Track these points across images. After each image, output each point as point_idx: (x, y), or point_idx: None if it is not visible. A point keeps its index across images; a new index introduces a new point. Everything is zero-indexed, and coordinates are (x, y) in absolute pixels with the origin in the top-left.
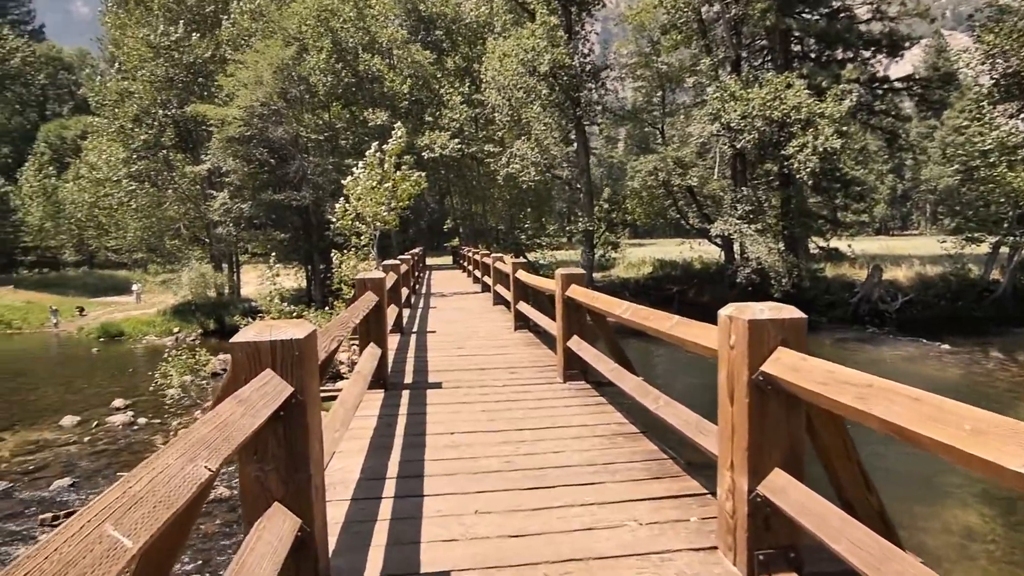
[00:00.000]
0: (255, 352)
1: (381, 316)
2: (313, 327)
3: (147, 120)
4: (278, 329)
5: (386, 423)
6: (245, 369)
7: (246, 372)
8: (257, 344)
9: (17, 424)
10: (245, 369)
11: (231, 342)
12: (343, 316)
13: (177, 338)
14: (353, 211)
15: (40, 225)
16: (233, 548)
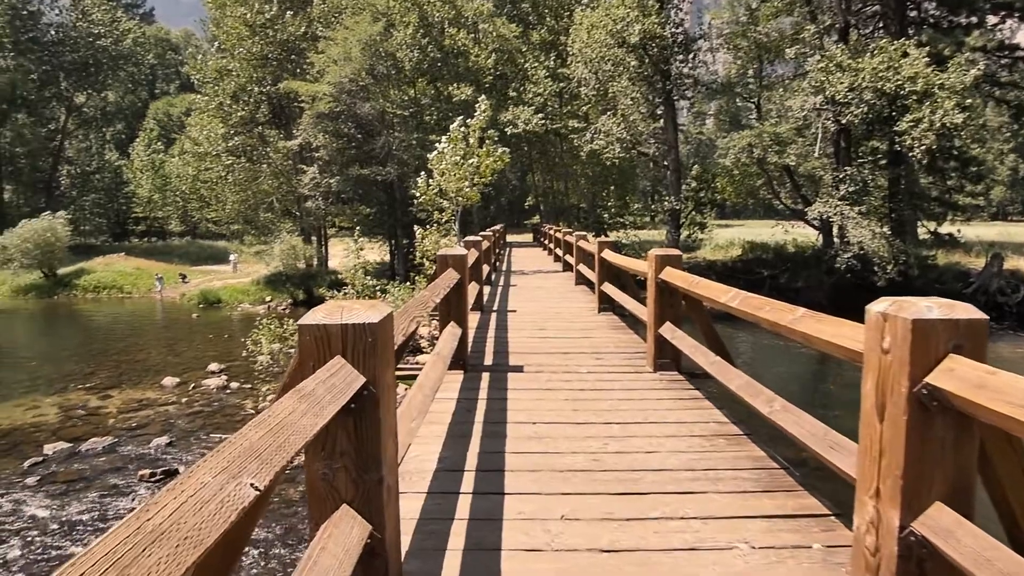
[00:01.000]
0: (324, 336)
1: (462, 294)
2: (389, 309)
3: (244, 97)
4: (350, 311)
5: (465, 408)
6: (313, 355)
7: (314, 358)
8: (327, 327)
9: (124, 383)
10: (313, 355)
11: (299, 323)
12: (423, 295)
13: (269, 306)
14: (436, 186)
15: (149, 197)
16: (302, 545)
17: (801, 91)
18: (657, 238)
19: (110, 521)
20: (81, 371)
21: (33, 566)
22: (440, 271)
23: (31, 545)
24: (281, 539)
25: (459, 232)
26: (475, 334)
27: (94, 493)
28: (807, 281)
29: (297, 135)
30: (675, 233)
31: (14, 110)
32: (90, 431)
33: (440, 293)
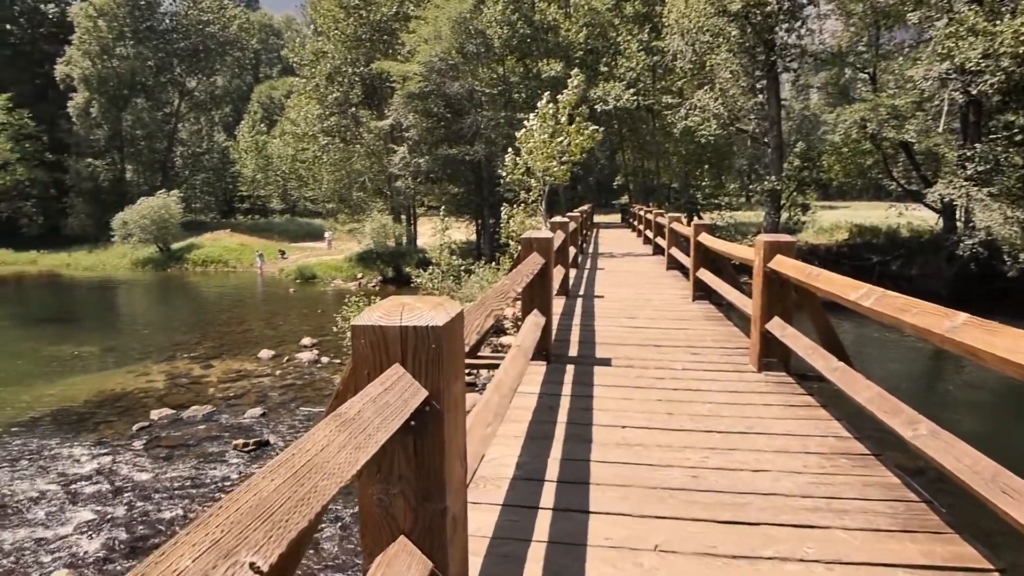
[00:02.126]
0: (380, 341)
1: (547, 280)
2: (458, 308)
3: (338, 78)
4: (412, 311)
5: (547, 404)
6: (368, 362)
7: (369, 365)
8: (384, 330)
9: (225, 353)
10: (368, 362)
11: (352, 324)
12: (503, 284)
13: (360, 283)
14: (523, 165)
15: (253, 176)
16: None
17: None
18: (754, 220)
19: (204, 488)
20: (188, 341)
21: (132, 527)
22: (524, 255)
23: (132, 507)
24: (332, 565)
25: (545, 212)
26: (559, 321)
27: (192, 460)
28: (923, 269)
29: (388, 115)
30: (774, 215)
31: (134, 95)
32: (192, 399)
33: (522, 281)
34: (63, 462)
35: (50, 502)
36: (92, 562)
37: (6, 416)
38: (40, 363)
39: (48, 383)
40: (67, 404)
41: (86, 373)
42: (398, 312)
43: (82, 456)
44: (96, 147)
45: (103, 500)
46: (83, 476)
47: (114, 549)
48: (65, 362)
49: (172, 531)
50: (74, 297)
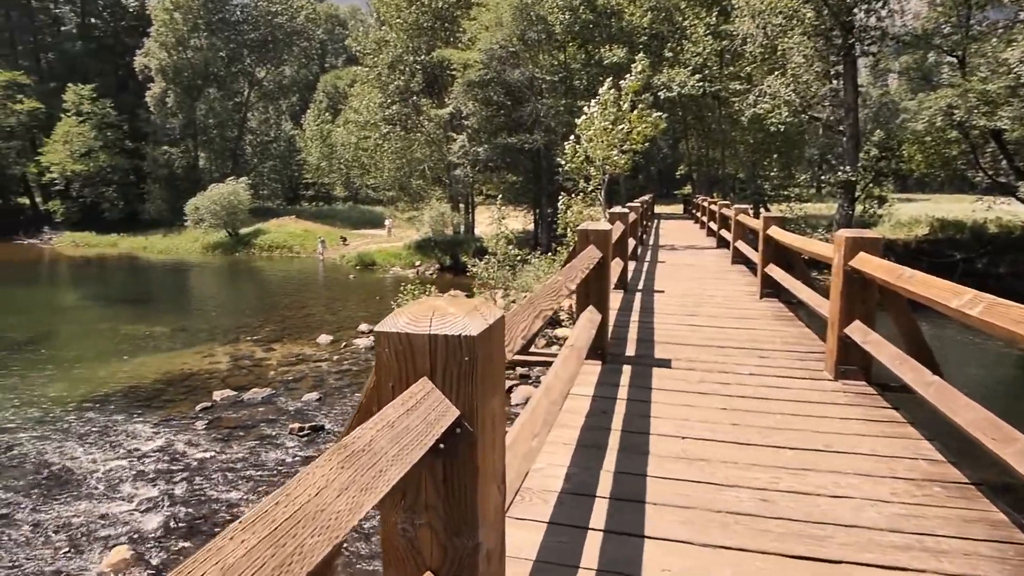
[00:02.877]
0: (406, 350)
1: (604, 275)
2: (497, 314)
3: (400, 67)
4: (443, 316)
5: (601, 408)
6: (392, 373)
7: (394, 377)
8: (410, 339)
9: (286, 337)
10: (392, 373)
11: (375, 331)
12: (554, 281)
13: (417, 270)
14: (583, 153)
15: (317, 164)
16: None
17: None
18: (825, 212)
19: (260, 470)
20: (251, 323)
21: (190, 507)
22: (580, 248)
23: (191, 487)
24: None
25: (604, 202)
26: (616, 317)
27: (251, 441)
28: (1013, 267)
29: (448, 103)
30: (848, 208)
31: (207, 85)
32: (253, 381)
33: (577, 277)
34: (130, 438)
35: (115, 477)
36: (150, 540)
37: (83, 391)
38: (116, 341)
39: (122, 361)
40: (137, 382)
41: (157, 352)
42: (427, 317)
43: (148, 433)
44: (172, 135)
45: (164, 478)
46: (147, 453)
47: (171, 529)
48: (138, 341)
49: (228, 513)
50: (149, 279)
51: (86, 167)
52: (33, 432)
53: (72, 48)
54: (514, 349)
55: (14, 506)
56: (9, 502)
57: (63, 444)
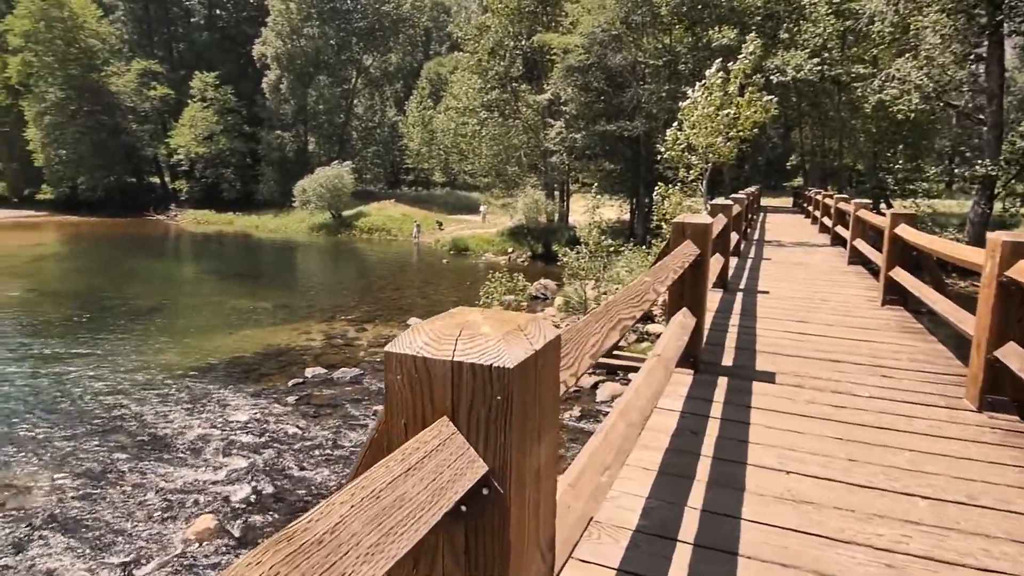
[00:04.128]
0: (423, 380)
1: (701, 275)
2: (549, 336)
3: (500, 52)
4: (475, 337)
5: (690, 428)
6: (406, 407)
7: (407, 413)
8: (427, 364)
9: (377, 318)
10: (406, 407)
11: (386, 351)
12: (641, 283)
13: (509, 258)
14: (685, 140)
15: (418, 150)
16: None
17: None
18: (956, 210)
19: (342, 450)
20: (347, 303)
21: (275, 481)
22: (675, 243)
23: (278, 461)
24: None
25: (706, 193)
26: (713, 319)
27: (336, 420)
28: None
29: (547, 89)
30: (985, 206)
31: (318, 72)
32: (344, 360)
33: (668, 278)
34: (225, 409)
35: (207, 446)
36: (233, 512)
37: (189, 360)
38: (224, 314)
39: (227, 333)
40: (239, 354)
41: (259, 327)
42: (452, 338)
43: (241, 405)
44: (284, 120)
45: (252, 451)
46: (239, 425)
47: (253, 503)
48: (244, 315)
49: (308, 492)
50: (259, 256)
51: (208, 150)
52: (140, 396)
53: (200, 38)
54: (579, 372)
55: (116, 465)
56: (112, 461)
57: (165, 409)
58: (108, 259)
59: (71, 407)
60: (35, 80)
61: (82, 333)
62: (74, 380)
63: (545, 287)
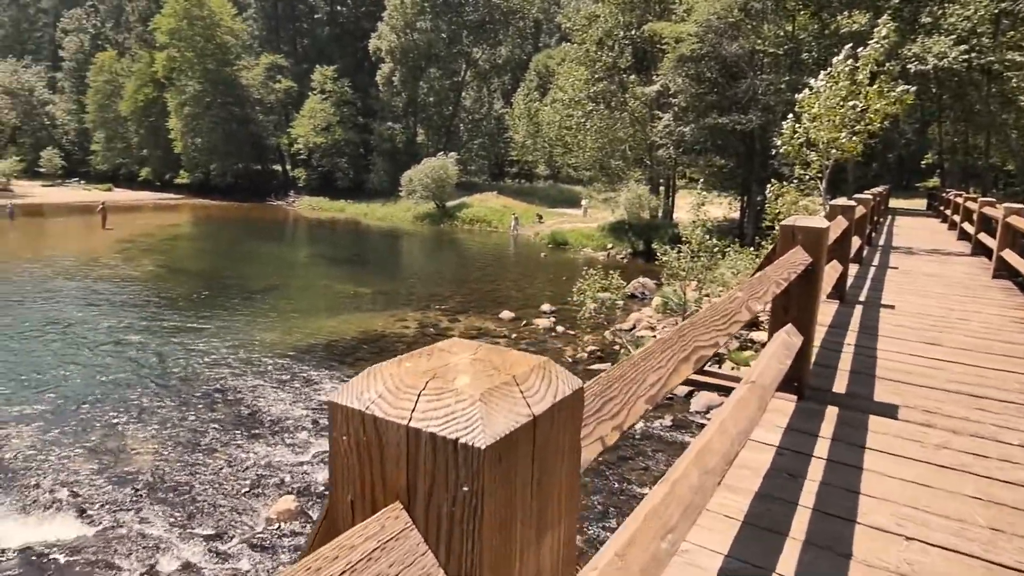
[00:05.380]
0: (373, 444)
1: (812, 286)
2: (567, 389)
3: (608, 42)
4: (442, 393)
5: (787, 468)
6: (353, 478)
7: (353, 487)
8: (377, 425)
9: (471, 309)
10: (353, 478)
11: (330, 399)
12: (730, 300)
13: (608, 254)
14: (803, 134)
15: (523, 142)
16: None
17: None
18: None
19: None
20: (443, 293)
21: None
22: (782, 248)
23: None
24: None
25: (825, 193)
26: (824, 335)
27: None
28: None
29: (656, 80)
30: None
31: (429, 65)
32: None
33: (766, 293)
34: (317, 392)
35: (297, 427)
36: (314, 496)
37: (291, 341)
38: (328, 298)
39: (329, 317)
40: (337, 338)
41: (358, 312)
42: (416, 388)
43: (336, 389)
44: (395, 112)
45: None
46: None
47: None
48: (346, 300)
49: None
50: (365, 243)
51: (325, 140)
52: (242, 372)
53: (321, 33)
54: (629, 422)
55: (213, 437)
56: (210, 433)
57: (263, 387)
58: (231, 240)
59: (180, 378)
60: (177, 74)
61: (199, 309)
62: (186, 352)
63: (643, 286)
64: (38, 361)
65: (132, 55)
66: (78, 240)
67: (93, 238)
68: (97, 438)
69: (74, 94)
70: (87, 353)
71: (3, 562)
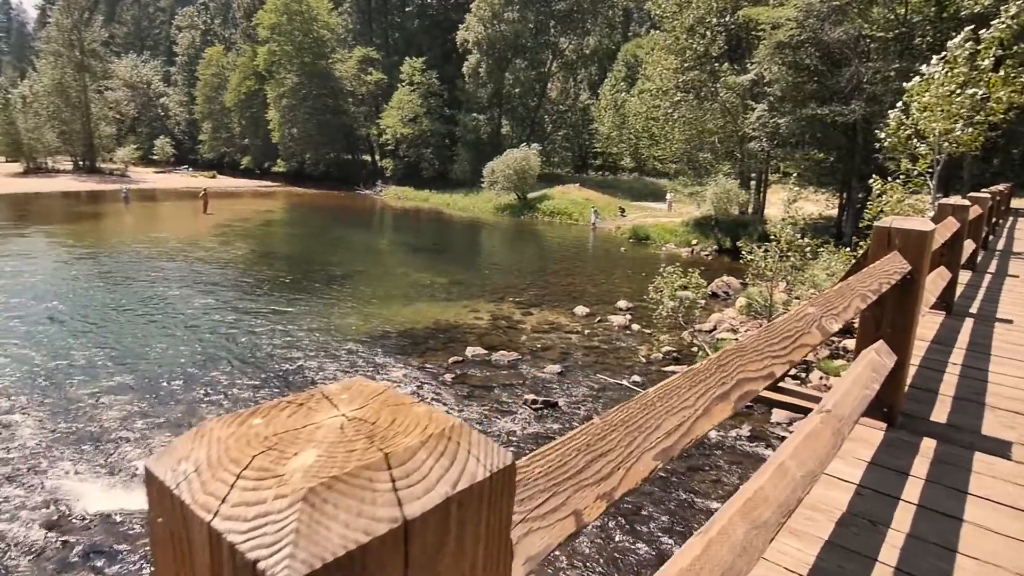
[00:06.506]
0: (182, 535)
1: (910, 298)
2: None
3: (700, 30)
4: (268, 472)
5: (868, 513)
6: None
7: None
8: (184, 512)
9: (544, 303)
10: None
11: (146, 463)
12: (794, 320)
13: (692, 250)
14: (911, 126)
15: (608, 134)
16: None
17: None
18: None
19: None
20: (518, 285)
21: None
22: (875, 253)
23: None
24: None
25: (936, 191)
26: (925, 352)
27: (487, 404)
28: None
29: (750, 69)
30: None
31: (515, 56)
32: (504, 343)
33: (850, 308)
34: (388, 379)
35: None
36: None
37: (366, 327)
38: (405, 286)
39: (404, 305)
40: (410, 326)
41: (433, 301)
42: (239, 465)
43: (404, 378)
44: (481, 103)
45: None
46: None
47: None
48: (422, 288)
49: None
50: (446, 233)
51: (412, 131)
52: (317, 356)
53: (411, 26)
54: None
55: None
56: None
57: (335, 371)
58: (320, 227)
59: (258, 359)
60: (276, 67)
61: (284, 292)
62: (266, 333)
63: (728, 285)
64: (134, 336)
65: (237, 49)
66: (181, 223)
67: (195, 222)
68: (179, 413)
69: (185, 87)
70: (178, 330)
71: (85, 526)
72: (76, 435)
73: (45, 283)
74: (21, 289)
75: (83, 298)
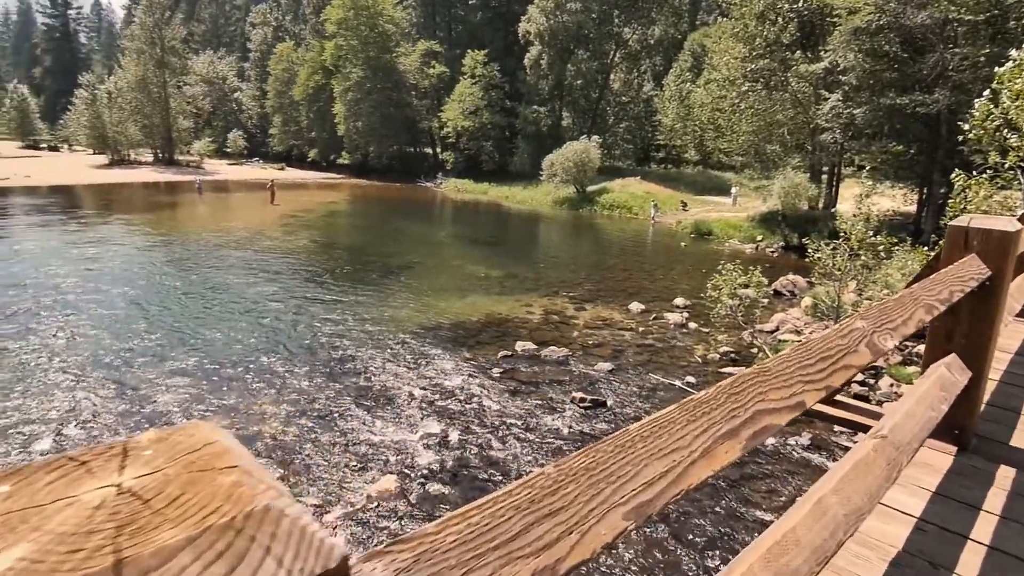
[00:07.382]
0: None
1: (989, 307)
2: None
3: (770, 16)
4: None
5: (931, 553)
6: None
7: None
8: None
9: (599, 299)
10: None
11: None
12: (837, 336)
13: (757, 247)
14: (1001, 115)
15: (672, 126)
16: None
17: None
18: None
19: (534, 433)
20: (572, 280)
21: (462, 453)
22: (948, 256)
23: (469, 433)
24: None
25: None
26: (1007, 366)
27: (534, 400)
28: None
29: (823, 57)
30: None
31: (577, 47)
32: (555, 338)
33: (911, 322)
34: (435, 372)
35: (410, 406)
36: (416, 477)
37: (419, 319)
38: (460, 279)
39: (458, 298)
40: (462, 319)
41: (486, 294)
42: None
43: (453, 371)
44: (542, 95)
45: (449, 417)
46: (446, 391)
47: (436, 471)
48: (476, 281)
49: (493, 471)
50: (504, 225)
51: (472, 123)
52: (369, 346)
53: (474, 19)
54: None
55: (331, 408)
56: (329, 403)
57: (386, 363)
58: (380, 218)
59: (312, 348)
60: (343, 62)
61: (341, 282)
62: (321, 323)
63: (793, 284)
64: (195, 321)
65: (306, 45)
66: (249, 214)
67: (262, 212)
68: (232, 398)
69: (258, 82)
70: (237, 317)
71: None
72: (134, 416)
73: (121, 268)
74: (99, 274)
75: (154, 283)
